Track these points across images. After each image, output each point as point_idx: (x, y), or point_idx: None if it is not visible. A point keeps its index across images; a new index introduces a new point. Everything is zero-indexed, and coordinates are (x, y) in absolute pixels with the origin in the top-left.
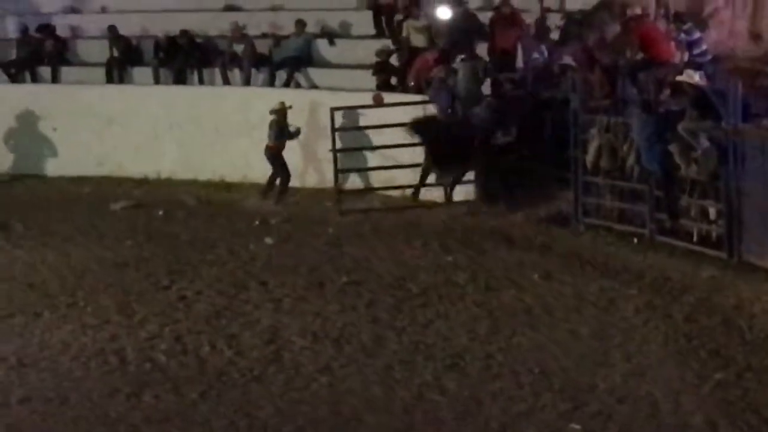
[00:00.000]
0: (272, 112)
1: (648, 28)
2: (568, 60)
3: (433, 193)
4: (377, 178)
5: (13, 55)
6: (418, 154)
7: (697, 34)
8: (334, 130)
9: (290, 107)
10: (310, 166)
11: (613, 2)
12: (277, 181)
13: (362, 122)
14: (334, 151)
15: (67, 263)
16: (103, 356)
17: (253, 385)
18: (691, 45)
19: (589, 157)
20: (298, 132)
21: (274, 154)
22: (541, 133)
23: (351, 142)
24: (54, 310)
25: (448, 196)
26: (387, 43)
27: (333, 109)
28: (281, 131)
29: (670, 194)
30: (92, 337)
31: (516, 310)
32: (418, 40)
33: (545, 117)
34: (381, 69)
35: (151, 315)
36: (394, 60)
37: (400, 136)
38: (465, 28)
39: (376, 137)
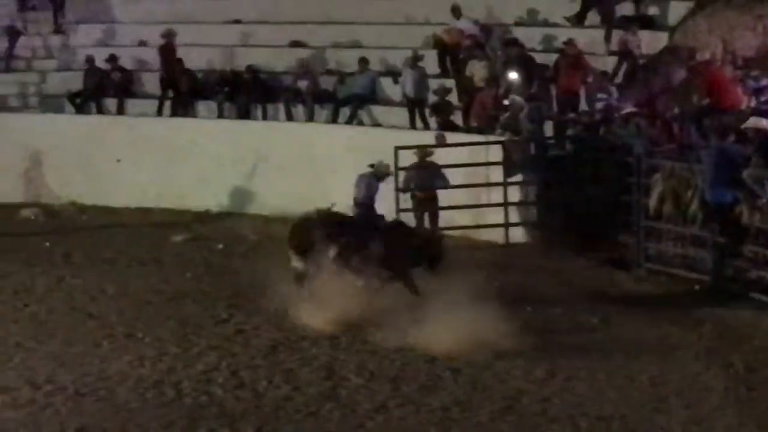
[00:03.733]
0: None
1: (715, 73)
2: (629, 107)
3: (490, 234)
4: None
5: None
6: (475, 195)
7: (764, 81)
8: (398, 168)
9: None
10: None
11: (680, 47)
12: None
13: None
14: (398, 190)
15: (125, 294)
16: (159, 388)
17: (308, 422)
18: (758, 92)
19: (652, 202)
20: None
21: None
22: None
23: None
24: (112, 341)
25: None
26: (448, 82)
27: (397, 148)
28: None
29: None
30: (149, 368)
31: (574, 354)
32: (481, 80)
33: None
34: (439, 108)
35: (209, 348)
36: (453, 98)
37: (460, 177)
38: (523, 69)
39: None
